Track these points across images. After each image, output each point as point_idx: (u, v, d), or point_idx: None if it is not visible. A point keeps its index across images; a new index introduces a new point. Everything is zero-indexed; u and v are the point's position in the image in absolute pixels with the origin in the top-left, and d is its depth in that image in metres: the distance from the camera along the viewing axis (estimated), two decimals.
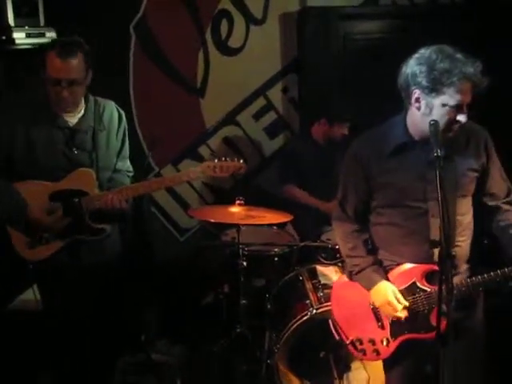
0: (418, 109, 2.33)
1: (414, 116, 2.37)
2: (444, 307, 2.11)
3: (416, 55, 2.33)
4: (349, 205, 2.59)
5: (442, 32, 4.41)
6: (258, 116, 4.82)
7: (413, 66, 2.31)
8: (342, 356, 3.38)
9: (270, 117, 4.84)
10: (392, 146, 2.44)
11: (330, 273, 3.50)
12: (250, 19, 4.72)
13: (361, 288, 2.55)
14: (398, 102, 2.50)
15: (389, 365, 2.64)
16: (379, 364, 3.00)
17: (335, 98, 4.39)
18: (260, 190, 4.80)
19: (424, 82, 2.26)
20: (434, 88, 2.25)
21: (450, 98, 2.25)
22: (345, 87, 4.42)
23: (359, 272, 2.55)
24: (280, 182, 4.24)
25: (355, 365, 3.40)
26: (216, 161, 3.02)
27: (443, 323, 2.14)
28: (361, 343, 2.58)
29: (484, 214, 2.53)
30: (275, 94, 4.81)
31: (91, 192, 2.93)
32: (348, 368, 3.38)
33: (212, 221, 3.54)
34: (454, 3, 4.88)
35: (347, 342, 2.62)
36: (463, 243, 2.47)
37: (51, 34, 3.94)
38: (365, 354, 2.60)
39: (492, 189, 2.50)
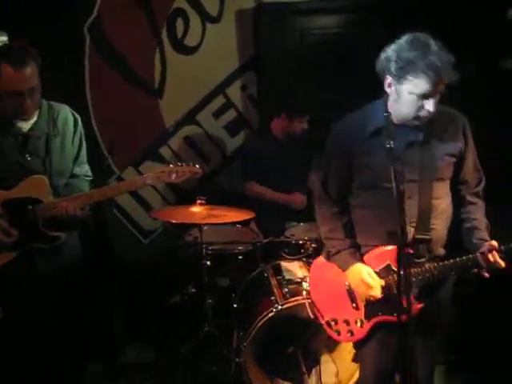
0: (391, 94, 2.39)
1: (390, 101, 2.41)
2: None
3: (396, 40, 2.37)
4: (331, 185, 2.63)
5: (398, 25, 4.48)
6: (217, 114, 4.79)
7: (387, 52, 2.36)
8: (310, 351, 3.40)
9: (230, 115, 4.81)
10: (372, 128, 2.48)
11: (295, 268, 3.51)
12: (205, 17, 4.69)
13: (338, 269, 2.59)
14: (357, 95, 2.56)
15: (363, 345, 2.65)
16: (348, 356, 3.04)
17: (294, 93, 4.38)
18: (223, 188, 4.78)
19: (393, 69, 2.32)
20: (401, 76, 2.30)
21: (414, 87, 2.29)
22: (303, 82, 4.41)
23: (336, 253, 2.59)
24: (243, 179, 4.22)
25: (324, 358, 3.42)
26: (172, 166, 3.00)
27: (413, 307, 2.21)
28: (336, 323, 2.62)
29: (454, 203, 2.57)
30: (234, 92, 4.79)
31: (45, 199, 2.86)
32: (317, 362, 3.40)
33: (174, 222, 3.51)
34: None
35: (322, 322, 2.65)
36: (439, 227, 2.50)
37: (2, 38, 3.85)
38: (339, 334, 2.63)
39: (465, 176, 2.55)
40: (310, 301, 2.77)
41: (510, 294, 3.64)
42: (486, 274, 2.39)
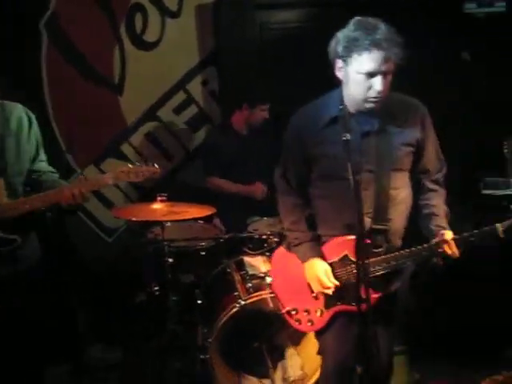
0: (342, 78, 2.39)
1: (344, 88, 2.42)
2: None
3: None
4: (291, 178, 2.63)
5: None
6: (178, 110, 4.76)
7: (336, 37, 2.37)
8: (275, 345, 3.42)
9: (191, 110, 4.78)
10: (328, 117, 2.47)
11: (258, 263, 3.50)
12: (164, 12, 4.65)
13: (298, 260, 2.59)
14: (317, 89, 2.55)
15: (323, 334, 2.66)
16: (313, 349, 3.05)
17: (254, 87, 4.38)
18: (186, 184, 4.75)
19: (339, 51, 2.32)
20: (347, 55, 2.30)
21: (360, 65, 2.29)
22: (263, 77, 4.41)
23: (297, 245, 2.59)
24: (205, 175, 4.21)
25: (289, 352, 3.44)
26: (131, 166, 2.97)
27: (371, 296, 2.21)
28: (296, 313, 2.62)
29: (415, 192, 2.57)
30: (195, 87, 4.76)
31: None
32: (282, 356, 3.42)
33: (135, 219, 3.48)
34: None
35: (283, 311, 2.65)
36: (396, 217, 2.50)
37: None
38: (300, 323, 2.63)
39: (427, 166, 2.54)
40: (272, 294, 2.77)
41: (469, 281, 3.72)
42: (441, 263, 2.41)
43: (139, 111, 4.70)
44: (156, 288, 3.70)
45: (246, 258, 3.53)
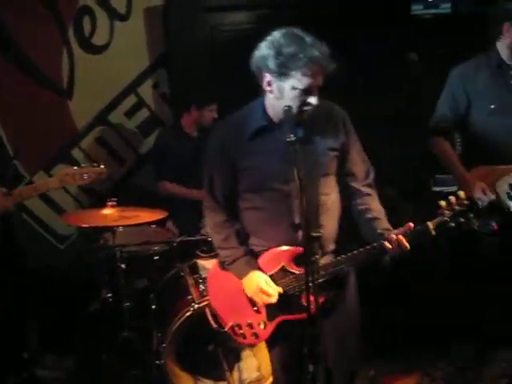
0: (271, 92, 2.35)
1: (270, 99, 2.39)
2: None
3: (267, 38, 2.33)
4: (217, 192, 2.56)
5: (311, 21, 4.54)
6: (130, 114, 4.73)
7: (263, 50, 2.32)
8: (231, 347, 3.40)
9: (143, 114, 4.76)
10: (252, 129, 2.43)
11: (212, 266, 3.48)
12: (113, 15, 4.61)
13: (234, 277, 2.55)
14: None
15: (271, 344, 2.67)
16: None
17: (205, 89, 4.37)
18: (140, 188, 4.71)
19: (272, 66, 2.28)
20: (283, 72, 2.27)
21: (298, 81, 2.27)
22: (214, 79, 4.40)
23: (231, 263, 2.54)
24: (156, 179, 4.18)
25: (245, 354, 3.42)
26: (75, 168, 2.92)
27: (314, 303, 2.18)
28: (240, 328, 2.58)
29: (346, 197, 2.57)
30: (146, 91, 4.74)
31: None
32: (238, 358, 3.40)
33: (85, 226, 3.42)
34: None
35: (226, 328, 2.61)
36: (328, 223, 2.50)
37: None
38: (244, 337, 2.60)
39: (352, 169, 2.54)
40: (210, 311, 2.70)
41: (420, 280, 3.80)
42: (388, 260, 2.43)
43: (90, 115, 4.65)
44: (109, 294, 3.65)
45: (200, 261, 3.50)
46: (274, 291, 2.44)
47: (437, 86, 4.55)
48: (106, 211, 3.35)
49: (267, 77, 2.32)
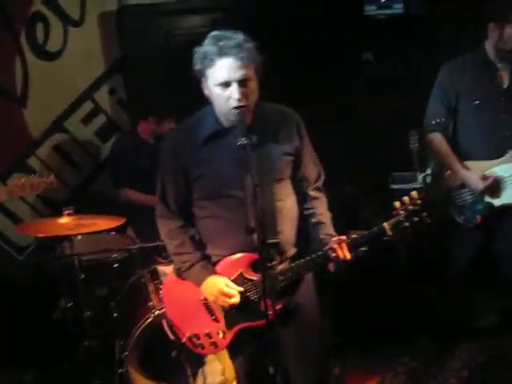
0: (208, 95, 2.35)
1: (214, 104, 2.37)
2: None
3: None
4: (170, 199, 2.53)
5: (265, 23, 4.58)
6: (86, 120, 4.68)
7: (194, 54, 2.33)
8: (194, 352, 3.38)
9: (100, 120, 4.72)
10: (204, 135, 2.41)
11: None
12: (67, 21, 4.56)
13: (190, 284, 2.51)
14: None
15: (232, 353, 2.66)
16: None
17: (161, 94, 4.35)
18: (100, 195, 4.65)
19: (197, 68, 2.30)
20: (203, 71, 2.28)
21: (214, 77, 2.26)
22: (170, 83, 4.37)
23: (188, 269, 2.50)
24: (113, 186, 4.13)
25: (209, 358, 3.40)
26: (24, 179, 2.87)
27: (272, 309, 2.18)
28: (198, 338, 2.55)
29: (298, 201, 2.56)
30: (102, 97, 4.70)
31: None
32: (202, 363, 3.38)
33: (41, 235, 3.37)
34: None
35: (184, 340, 2.58)
36: (286, 228, 2.48)
37: None
38: (203, 348, 2.57)
39: (305, 173, 2.54)
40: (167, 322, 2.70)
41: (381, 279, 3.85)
42: (332, 269, 2.42)
43: (45, 123, 4.59)
44: (70, 304, 3.59)
45: (160, 267, 3.48)
46: (234, 292, 2.41)
47: (391, 85, 4.66)
48: (63, 220, 3.30)
49: (202, 80, 2.33)
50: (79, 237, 3.52)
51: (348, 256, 2.35)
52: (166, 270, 3.47)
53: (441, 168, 3.53)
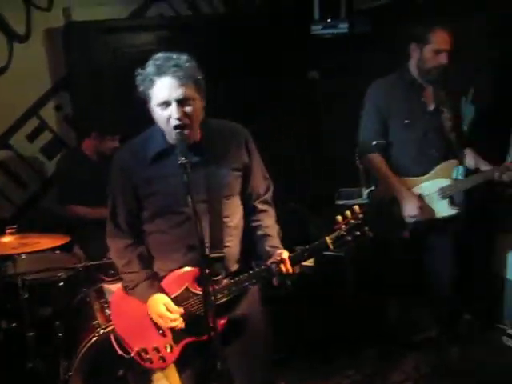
0: (153, 115, 2.37)
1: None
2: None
3: None
4: (120, 218, 2.55)
5: (208, 42, 4.63)
6: (32, 137, 4.63)
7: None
8: (141, 371, 3.35)
9: (46, 137, 4.67)
10: (152, 154, 2.43)
11: None
12: (12, 36, 4.50)
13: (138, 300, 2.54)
14: None
15: (180, 367, 2.66)
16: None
17: (106, 111, 4.33)
18: (48, 212, 4.58)
19: (140, 90, 2.32)
20: (145, 92, 2.30)
21: (156, 97, 2.29)
22: (118, 101, 4.36)
23: (134, 287, 2.52)
24: (60, 203, 4.09)
25: (156, 376, 3.36)
26: None
27: (217, 323, 2.20)
28: (146, 353, 2.56)
29: (244, 214, 2.59)
30: (48, 113, 4.65)
31: None
32: (149, 381, 3.35)
33: None
34: (218, 15, 5.08)
35: (132, 354, 2.58)
36: (232, 243, 2.51)
37: None
38: (151, 362, 2.59)
39: (254, 187, 2.58)
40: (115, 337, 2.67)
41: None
42: (275, 283, 2.43)
43: None
44: (13, 324, 3.52)
45: (106, 286, 3.44)
46: (173, 315, 2.43)
47: (337, 101, 4.75)
48: (6, 239, 3.25)
49: (146, 101, 2.35)
50: (23, 256, 3.46)
51: (290, 270, 2.37)
52: (112, 288, 3.43)
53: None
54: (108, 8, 4.65)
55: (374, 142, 3.52)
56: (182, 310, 2.45)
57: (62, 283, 3.52)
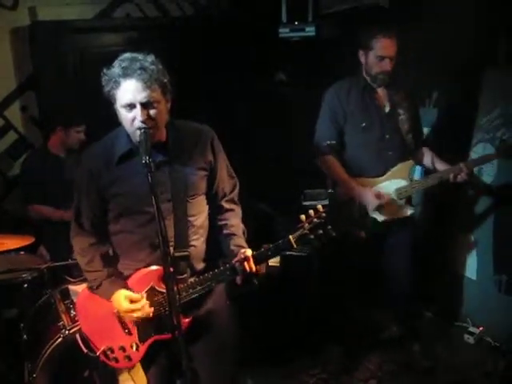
0: (118, 117, 2.38)
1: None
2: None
3: None
4: (84, 219, 2.56)
5: (174, 43, 4.65)
6: None
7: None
8: (107, 371, 3.34)
9: (11, 137, 4.60)
10: (117, 154, 2.45)
11: None
12: None
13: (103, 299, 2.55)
14: None
15: (146, 365, 2.67)
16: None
17: (70, 104, 4.30)
18: (10, 213, 4.53)
19: (105, 90, 2.33)
20: (110, 92, 2.31)
21: (121, 99, 2.30)
22: (82, 101, 4.33)
23: (98, 286, 2.54)
24: (24, 203, 4.04)
25: (123, 377, 3.34)
26: None
27: (182, 322, 2.23)
28: (112, 352, 2.58)
29: (210, 213, 2.63)
30: (14, 113, 4.58)
31: None
32: (116, 382, 3.35)
33: None
34: (185, 17, 5.08)
35: (98, 353, 2.59)
36: (197, 243, 2.55)
37: None
38: (117, 361, 2.61)
39: (220, 186, 2.61)
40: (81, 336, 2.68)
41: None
42: (239, 281, 2.47)
43: None
44: None
45: (72, 287, 3.40)
46: (138, 305, 2.44)
47: (304, 104, 4.80)
48: None
49: (111, 102, 2.36)
50: None
51: (254, 268, 2.41)
52: (78, 289, 3.40)
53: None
54: (75, 8, 4.60)
55: (327, 143, 3.59)
56: (144, 295, 2.46)
57: (26, 284, 3.47)
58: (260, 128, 4.81)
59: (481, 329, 4.01)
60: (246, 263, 2.40)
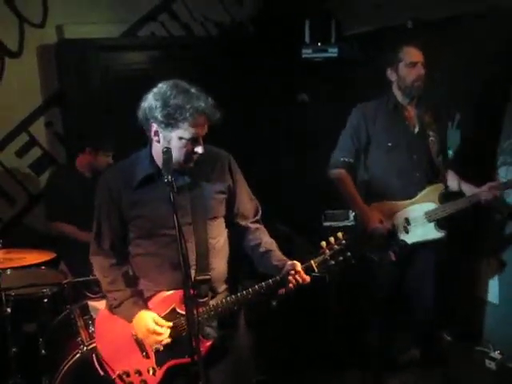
0: (158, 142, 2.39)
1: (157, 148, 2.42)
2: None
3: (154, 90, 2.37)
4: (104, 239, 2.57)
5: (198, 63, 4.69)
6: (21, 153, 4.63)
7: (150, 101, 2.35)
8: None
9: (35, 153, 4.67)
10: (139, 177, 2.47)
11: (103, 306, 3.42)
12: (4, 52, 4.52)
13: (122, 320, 2.53)
14: None
15: None
16: None
17: (99, 128, 4.35)
18: (31, 229, 4.57)
19: (160, 117, 2.32)
20: (169, 123, 2.32)
21: (184, 131, 2.32)
22: (108, 118, 4.40)
23: (119, 305, 2.53)
24: (47, 219, 4.08)
25: None
26: None
27: (202, 346, 2.23)
28: (128, 375, 2.54)
29: (236, 235, 2.63)
30: (38, 129, 4.66)
31: None
32: None
33: None
34: (210, 37, 5.14)
35: (114, 376, 2.56)
36: (218, 265, 2.54)
37: None
38: None
39: (240, 209, 2.62)
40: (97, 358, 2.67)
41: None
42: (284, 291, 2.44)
43: None
44: None
45: (91, 303, 3.43)
46: (162, 329, 2.42)
47: (325, 124, 4.81)
48: None
49: (154, 127, 2.36)
50: (8, 271, 3.45)
51: (307, 279, 2.41)
52: (97, 305, 3.42)
53: None
54: (101, 27, 4.69)
55: (342, 159, 3.59)
56: (170, 323, 2.44)
57: (46, 299, 3.50)
58: (283, 148, 4.82)
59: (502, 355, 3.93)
60: (298, 275, 2.38)
